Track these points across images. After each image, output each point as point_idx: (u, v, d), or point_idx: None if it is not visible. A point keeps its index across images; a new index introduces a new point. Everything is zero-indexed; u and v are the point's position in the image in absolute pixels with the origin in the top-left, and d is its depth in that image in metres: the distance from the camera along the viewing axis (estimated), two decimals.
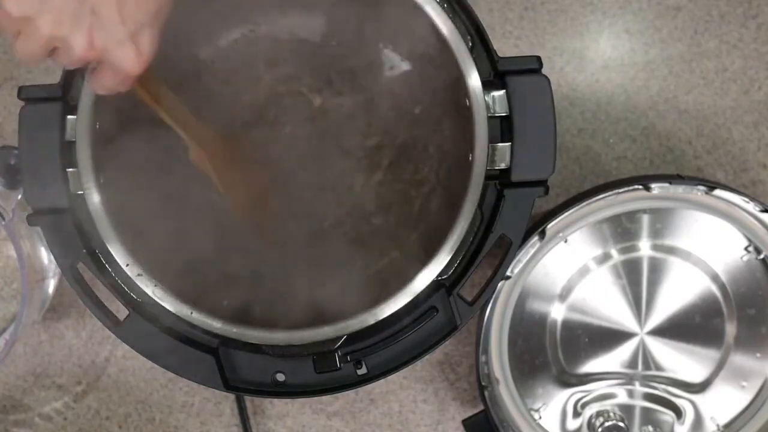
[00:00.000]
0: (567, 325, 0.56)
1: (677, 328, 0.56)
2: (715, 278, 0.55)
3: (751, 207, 0.52)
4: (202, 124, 0.48)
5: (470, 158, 0.46)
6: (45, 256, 0.57)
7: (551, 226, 0.52)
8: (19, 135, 0.45)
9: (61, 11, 0.35)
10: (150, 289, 0.45)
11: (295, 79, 0.56)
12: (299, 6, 0.55)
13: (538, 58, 0.46)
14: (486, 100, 0.45)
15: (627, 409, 0.57)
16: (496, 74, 0.46)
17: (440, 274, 0.46)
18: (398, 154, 0.57)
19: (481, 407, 0.55)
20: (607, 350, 0.56)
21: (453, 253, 0.46)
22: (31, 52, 0.36)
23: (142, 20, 0.36)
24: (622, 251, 0.55)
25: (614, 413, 0.56)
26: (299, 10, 0.55)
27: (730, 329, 0.56)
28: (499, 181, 0.46)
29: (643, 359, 0.56)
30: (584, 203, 0.52)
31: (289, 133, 0.56)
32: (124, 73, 0.38)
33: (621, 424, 0.56)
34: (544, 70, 0.46)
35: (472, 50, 0.46)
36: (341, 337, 0.46)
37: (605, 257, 0.55)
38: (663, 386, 0.57)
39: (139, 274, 0.45)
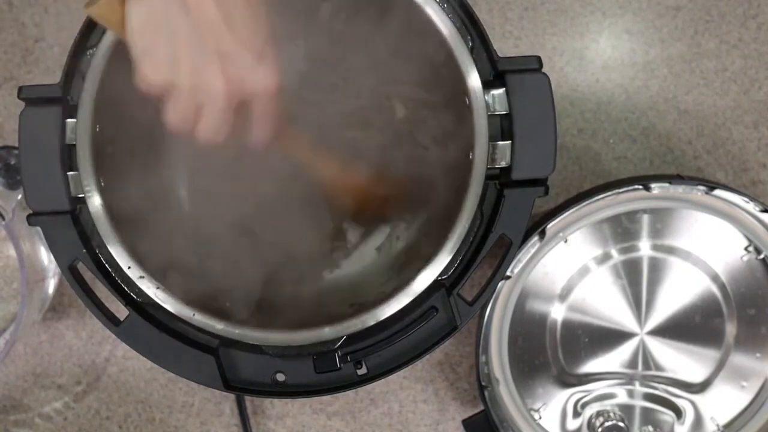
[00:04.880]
0: (567, 325, 0.56)
1: (677, 328, 0.56)
2: (715, 278, 0.55)
3: (751, 207, 0.52)
4: None
5: (470, 157, 0.46)
6: (45, 256, 0.57)
7: (551, 226, 0.52)
8: (19, 139, 0.45)
9: (192, 60, 0.38)
10: (152, 291, 0.45)
11: None
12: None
13: (538, 58, 0.46)
14: (486, 99, 0.45)
15: (627, 409, 0.57)
16: (496, 74, 0.46)
17: (440, 274, 0.46)
18: (398, 153, 0.57)
19: (481, 407, 0.55)
20: (607, 350, 0.56)
21: (453, 253, 0.46)
22: (182, 114, 0.39)
23: (258, 39, 0.39)
24: (622, 251, 0.55)
25: (614, 413, 0.56)
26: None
27: (730, 329, 0.56)
28: (500, 180, 0.46)
29: (643, 359, 0.56)
30: (584, 203, 0.52)
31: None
32: (264, 96, 0.40)
33: (621, 424, 0.56)
34: (544, 71, 0.46)
35: (472, 50, 0.46)
36: (341, 338, 0.46)
37: (605, 257, 0.55)
38: (663, 386, 0.57)
39: (140, 277, 0.45)
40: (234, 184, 0.55)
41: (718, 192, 0.52)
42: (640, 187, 0.52)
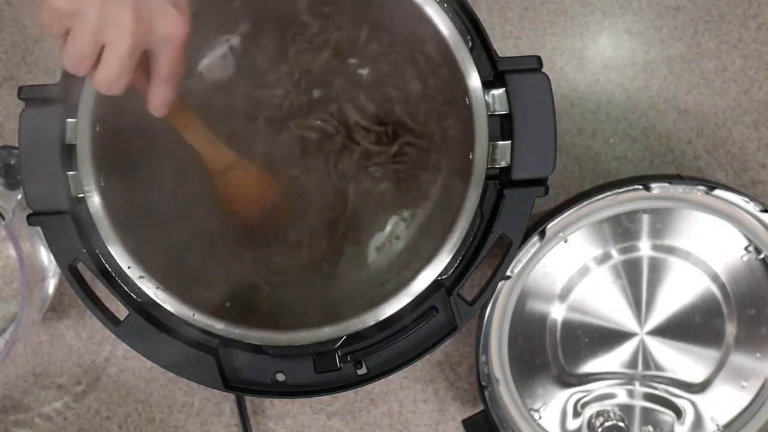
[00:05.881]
0: (567, 325, 0.56)
1: (677, 328, 0.56)
2: (715, 278, 0.55)
3: (751, 207, 0.52)
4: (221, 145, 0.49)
5: (471, 157, 0.46)
6: (45, 256, 0.57)
7: (551, 226, 0.52)
8: (19, 140, 0.45)
9: None
10: (152, 291, 0.45)
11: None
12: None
13: (538, 58, 0.46)
14: (486, 99, 0.45)
15: (627, 409, 0.57)
16: (496, 74, 0.46)
17: (440, 274, 0.46)
18: (398, 153, 0.57)
19: (481, 407, 0.55)
20: (607, 350, 0.56)
21: (453, 253, 0.46)
22: (81, 50, 0.37)
23: None
24: (622, 251, 0.55)
25: (614, 413, 0.56)
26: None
27: (730, 329, 0.56)
28: (500, 180, 0.46)
29: (643, 359, 0.56)
30: (584, 203, 0.52)
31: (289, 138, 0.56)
32: (171, 44, 0.38)
33: (621, 424, 0.56)
34: (544, 70, 0.46)
35: (472, 50, 0.46)
36: (341, 337, 0.46)
37: (605, 257, 0.55)
38: (663, 386, 0.57)
39: (140, 276, 0.45)
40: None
41: (718, 192, 0.52)
42: (640, 187, 0.52)
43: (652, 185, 0.52)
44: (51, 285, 0.58)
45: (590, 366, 0.57)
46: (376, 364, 0.46)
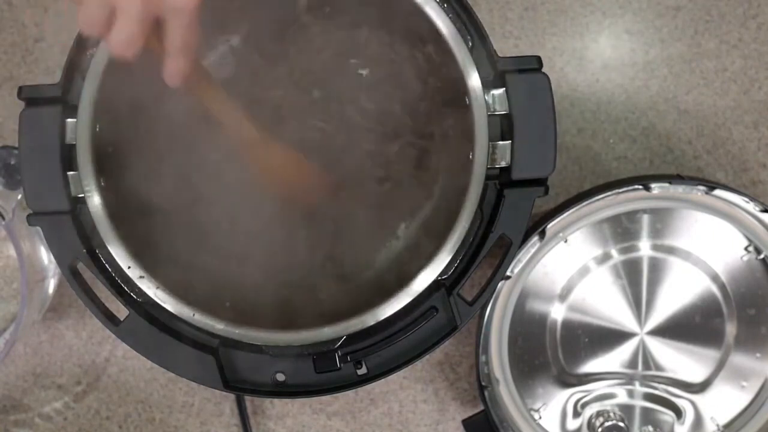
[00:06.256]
0: (567, 325, 0.56)
1: (677, 328, 0.56)
2: (715, 278, 0.55)
3: (751, 207, 0.52)
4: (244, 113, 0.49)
5: (471, 157, 0.46)
6: (45, 256, 0.57)
7: (551, 226, 0.52)
8: (19, 140, 0.45)
9: None
10: (152, 291, 0.45)
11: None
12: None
13: (538, 58, 0.46)
14: (486, 99, 0.45)
15: (627, 409, 0.57)
16: (496, 74, 0.46)
17: (440, 274, 0.46)
18: (398, 153, 0.57)
19: (481, 407, 0.55)
20: (607, 350, 0.56)
21: (453, 253, 0.46)
22: (94, 13, 0.37)
23: None
24: (622, 251, 0.55)
25: (614, 413, 0.56)
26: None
27: (730, 329, 0.56)
28: (500, 180, 0.46)
29: (643, 359, 0.56)
30: (584, 203, 0.52)
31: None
32: (182, 14, 0.38)
33: (621, 424, 0.56)
34: (544, 70, 0.46)
35: (472, 50, 0.46)
36: (341, 338, 0.46)
37: (605, 257, 0.55)
38: (663, 386, 0.57)
39: (141, 277, 0.45)
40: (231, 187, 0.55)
41: (718, 192, 0.52)
42: (640, 187, 0.52)
43: (652, 185, 0.52)
44: (51, 285, 0.58)
45: (590, 366, 0.57)
46: (376, 364, 0.46)
